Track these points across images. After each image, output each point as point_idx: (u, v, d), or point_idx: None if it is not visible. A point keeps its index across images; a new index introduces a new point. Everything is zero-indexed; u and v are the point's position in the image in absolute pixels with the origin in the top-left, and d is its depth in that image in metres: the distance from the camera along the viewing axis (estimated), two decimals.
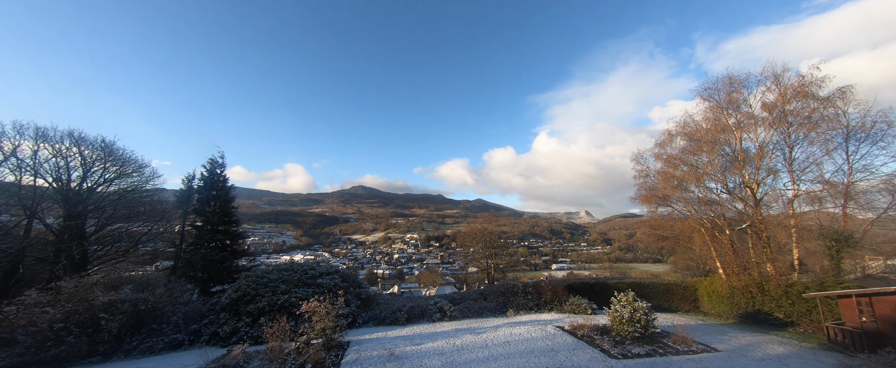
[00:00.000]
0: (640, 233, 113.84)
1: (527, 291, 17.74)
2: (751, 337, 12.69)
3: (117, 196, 19.83)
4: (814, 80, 16.57)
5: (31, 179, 17.65)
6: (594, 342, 10.69)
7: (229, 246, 20.43)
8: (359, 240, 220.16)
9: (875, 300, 10.86)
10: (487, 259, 36.49)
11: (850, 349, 11.08)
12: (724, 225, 18.84)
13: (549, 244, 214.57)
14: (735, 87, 18.73)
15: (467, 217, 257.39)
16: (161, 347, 11.61)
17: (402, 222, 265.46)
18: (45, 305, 11.18)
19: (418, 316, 15.16)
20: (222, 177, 21.21)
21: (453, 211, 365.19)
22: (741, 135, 18.48)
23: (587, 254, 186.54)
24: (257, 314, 12.85)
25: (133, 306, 11.90)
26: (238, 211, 21.57)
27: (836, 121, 16.30)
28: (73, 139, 18.59)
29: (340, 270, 16.40)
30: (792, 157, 17.12)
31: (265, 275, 14.29)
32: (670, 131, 21.31)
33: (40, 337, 10.24)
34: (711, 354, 10.01)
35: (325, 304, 10.45)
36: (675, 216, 21.28)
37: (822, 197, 16.68)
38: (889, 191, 15.60)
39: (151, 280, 14.41)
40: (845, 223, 15.90)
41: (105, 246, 19.89)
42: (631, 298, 11.23)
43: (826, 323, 12.45)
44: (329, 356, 9.68)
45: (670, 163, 21.21)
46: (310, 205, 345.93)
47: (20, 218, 17.22)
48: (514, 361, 9.15)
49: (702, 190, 19.88)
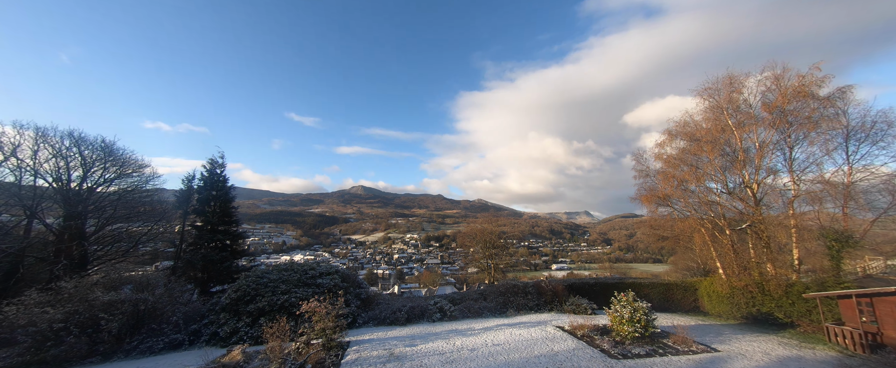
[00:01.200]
0: (640, 233, 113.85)
1: (527, 291, 17.73)
2: (751, 337, 12.68)
3: (117, 196, 19.84)
4: (814, 80, 16.57)
5: (31, 179, 17.67)
6: (594, 342, 10.68)
7: (229, 246, 20.42)
8: (359, 240, 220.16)
9: (875, 300, 10.86)
10: (487, 259, 36.48)
11: (850, 349, 11.08)
12: (724, 225, 18.83)
13: (549, 244, 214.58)
14: (735, 87, 18.72)
15: (467, 217, 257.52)
16: (161, 347, 11.60)
17: (402, 222, 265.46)
18: (46, 305, 11.18)
19: (418, 316, 15.15)
20: (222, 176, 21.22)
21: (453, 211, 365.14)
22: (741, 134, 18.47)
23: (587, 254, 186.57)
24: (257, 314, 12.84)
25: (133, 306, 11.90)
26: (238, 211, 21.57)
27: (836, 121, 16.29)
28: (73, 139, 18.61)
29: (340, 270, 16.39)
30: (792, 157, 17.11)
31: (265, 275, 14.29)
32: (670, 131, 21.30)
33: (40, 337, 10.24)
34: (711, 354, 10.00)
35: (325, 304, 10.45)
36: (675, 216, 21.27)
37: (822, 197, 16.66)
38: (889, 191, 15.59)
39: (151, 280, 14.41)
40: (845, 223, 15.89)
41: (105, 246, 19.91)
42: (631, 298, 11.22)
43: (826, 323, 12.44)
44: (329, 356, 9.68)
45: (670, 163, 21.20)
46: (310, 205, 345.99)
47: (20, 218, 17.24)
48: (514, 361, 9.14)
49: (702, 190, 19.87)
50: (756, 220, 17.19)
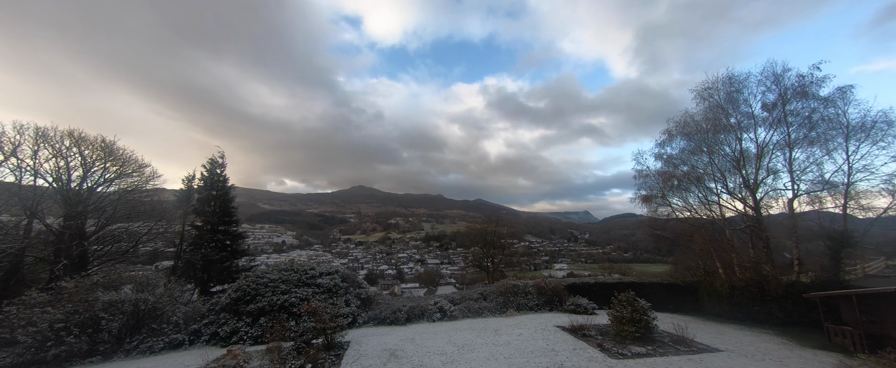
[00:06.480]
0: (640, 233, 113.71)
1: (527, 291, 17.73)
2: (751, 337, 12.69)
3: (117, 196, 19.85)
4: (814, 80, 16.60)
5: (31, 179, 17.67)
6: (594, 342, 10.69)
7: (229, 245, 20.41)
8: (358, 240, 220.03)
9: (875, 300, 10.87)
10: (487, 259, 36.51)
11: (850, 349, 11.09)
12: (724, 225, 18.86)
13: (549, 244, 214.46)
14: (735, 87, 18.74)
15: (467, 216, 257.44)
16: (161, 347, 11.60)
17: (401, 222, 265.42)
18: (46, 305, 11.18)
19: (418, 316, 15.16)
20: (222, 176, 21.19)
21: (453, 211, 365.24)
22: (741, 135, 18.49)
23: (587, 254, 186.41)
24: (257, 314, 12.85)
25: (133, 306, 11.88)
26: (238, 211, 21.55)
27: (836, 121, 16.32)
28: (74, 139, 18.60)
29: (340, 270, 16.37)
30: (792, 157, 17.14)
31: (265, 275, 14.28)
32: (670, 131, 21.33)
33: (41, 337, 10.23)
34: (711, 354, 10.00)
35: (326, 304, 10.42)
36: (675, 216, 21.29)
37: (822, 197, 16.69)
38: (889, 191, 15.62)
39: (151, 280, 14.38)
40: (845, 223, 15.92)
41: (105, 246, 19.92)
42: (631, 298, 11.23)
43: (826, 323, 12.46)
44: (329, 356, 9.68)
45: (670, 163, 21.22)
46: (309, 205, 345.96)
47: (20, 218, 17.23)
48: (514, 361, 9.15)
49: (702, 191, 19.90)
50: (756, 220, 17.21)
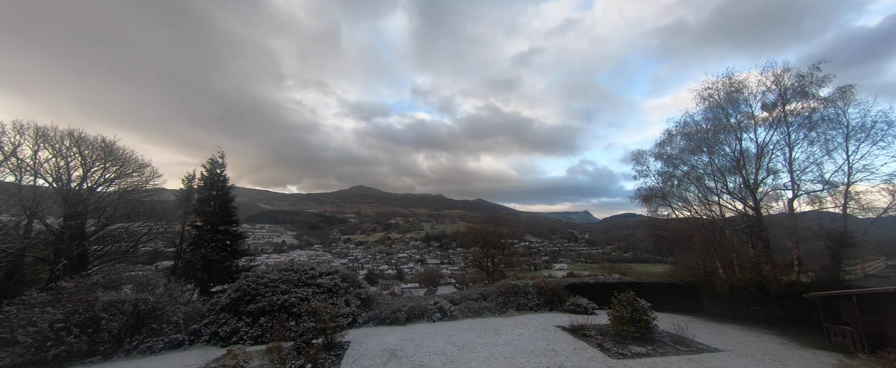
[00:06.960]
0: (640, 233, 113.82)
1: (527, 291, 17.73)
2: (751, 337, 12.70)
3: (117, 196, 19.83)
4: (814, 80, 16.59)
5: (31, 179, 17.66)
6: (594, 341, 10.69)
7: (229, 245, 20.40)
8: (358, 240, 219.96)
9: (875, 300, 10.87)
10: (487, 259, 36.52)
11: (850, 349, 11.09)
12: (724, 225, 18.85)
13: (548, 244, 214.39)
14: (735, 87, 18.74)
15: (467, 216, 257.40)
16: (161, 347, 11.60)
17: (401, 222, 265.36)
18: (46, 305, 11.18)
19: (418, 316, 15.16)
20: (222, 176, 21.19)
21: (453, 211, 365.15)
22: (741, 134, 18.49)
23: (587, 254, 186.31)
24: (257, 314, 12.85)
25: (133, 306, 11.88)
26: (238, 211, 21.55)
27: (836, 121, 16.32)
28: (74, 139, 18.60)
29: (340, 270, 16.37)
30: (792, 157, 17.14)
31: (265, 275, 14.29)
32: (670, 131, 21.35)
33: (41, 337, 10.23)
34: (711, 354, 10.00)
35: (326, 304, 10.42)
36: (675, 216, 21.29)
37: (821, 197, 16.69)
38: (889, 191, 15.62)
39: (151, 280, 14.38)
40: (845, 223, 15.91)
41: (105, 246, 19.90)
42: (631, 298, 11.23)
43: (826, 323, 12.46)
44: (329, 356, 9.68)
45: (670, 163, 21.22)
46: (309, 205, 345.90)
47: (20, 218, 17.23)
48: (514, 360, 9.15)
49: (702, 190, 19.90)
50: (756, 220, 17.21)
